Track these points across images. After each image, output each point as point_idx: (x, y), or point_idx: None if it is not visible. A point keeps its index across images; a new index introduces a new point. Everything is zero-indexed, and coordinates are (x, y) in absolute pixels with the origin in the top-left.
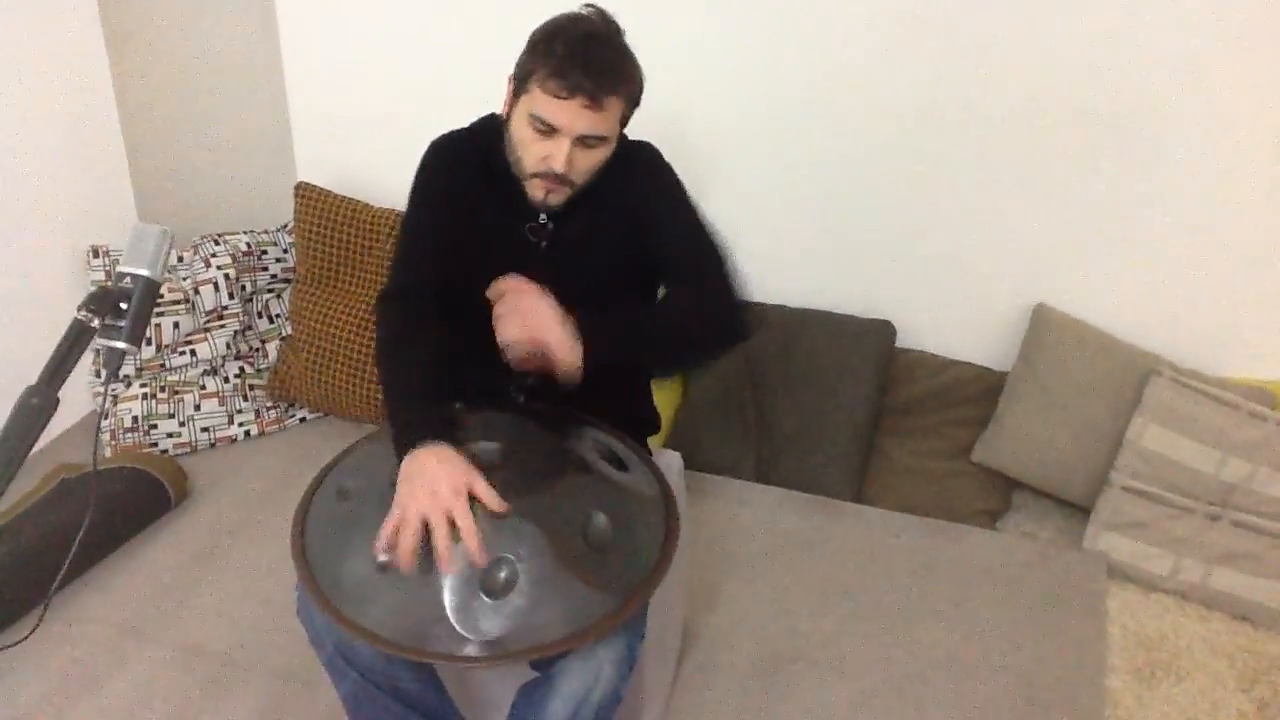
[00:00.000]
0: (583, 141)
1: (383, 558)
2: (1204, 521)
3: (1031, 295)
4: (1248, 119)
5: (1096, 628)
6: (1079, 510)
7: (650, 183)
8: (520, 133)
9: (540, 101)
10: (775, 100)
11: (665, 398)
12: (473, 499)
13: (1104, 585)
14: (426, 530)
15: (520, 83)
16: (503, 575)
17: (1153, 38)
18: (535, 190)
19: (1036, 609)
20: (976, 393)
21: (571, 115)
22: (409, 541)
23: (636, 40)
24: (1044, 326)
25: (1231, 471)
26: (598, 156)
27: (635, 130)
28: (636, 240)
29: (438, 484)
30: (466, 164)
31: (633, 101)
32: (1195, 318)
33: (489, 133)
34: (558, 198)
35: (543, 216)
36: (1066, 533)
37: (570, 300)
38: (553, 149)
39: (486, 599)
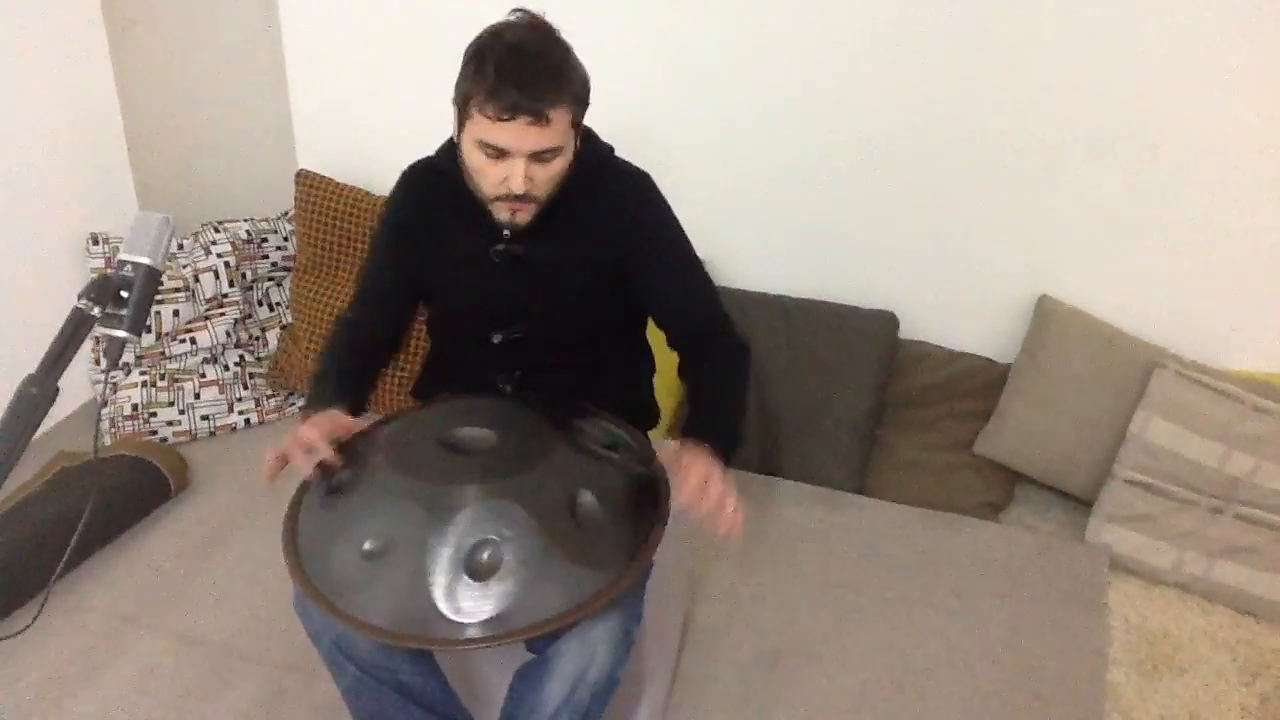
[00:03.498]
0: (536, 157)
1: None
2: (1207, 515)
3: (1035, 287)
4: (1254, 111)
5: (1098, 621)
6: (1081, 503)
7: (643, 215)
8: (472, 159)
9: (483, 126)
10: (778, 91)
11: (666, 389)
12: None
13: (1106, 578)
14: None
15: (461, 109)
16: (486, 557)
17: (1158, 28)
18: (501, 213)
19: (1038, 602)
20: (980, 385)
21: (517, 136)
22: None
23: (639, 34)
24: (1048, 319)
25: (1235, 465)
26: (556, 167)
27: (640, 124)
28: (615, 265)
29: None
30: (433, 192)
31: (580, 103)
32: (1200, 311)
33: (451, 157)
34: (525, 215)
35: (506, 232)
36: (1069, 526)
37: (534, 316)
38: (507, 170)
39: (473, 582)
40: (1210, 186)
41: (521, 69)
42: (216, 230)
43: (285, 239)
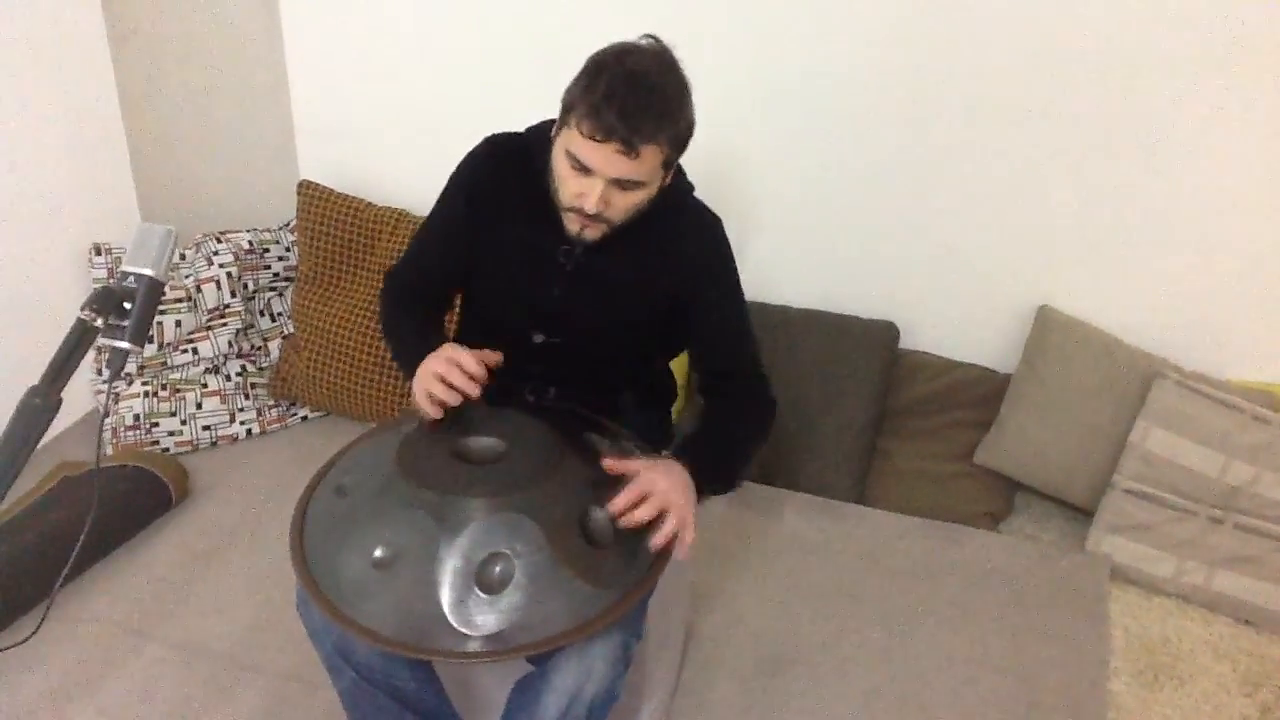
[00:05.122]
0: (619, 184)
1: (428, 413)
2: (1207, 524)
3: (1035, 297)
4: (1254, 120)
5: (1099, 630)
6: (1082, 513)
7: (713, 262)
8: (558, 165)
9: (576, 140)
10: (777, 102)
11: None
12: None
13: (1106, 588)
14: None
15: (564, 114)
16: (498, 571)
17: (1157, 37)
18: (571, 224)
19: (1039, 611)
20: (980, 395)
21: (605, 159)
22: (431, 400)
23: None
24: (1048, 328)
25: (1235, 474)
26: (636, 198)
27: None
28: (674, 301)
29: (436, 354)
30: (515, 170)
31: (677, 144)
32: (1200, 320)
33: (542, 143)
34: (593, 233)
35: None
36: (1069, 535)
37: (582, 327)
38: (587, 188)
39: (482, 595)
40: (1210, 196)
41: (629, 97)
42: (218, 241)
43: (287, 249)
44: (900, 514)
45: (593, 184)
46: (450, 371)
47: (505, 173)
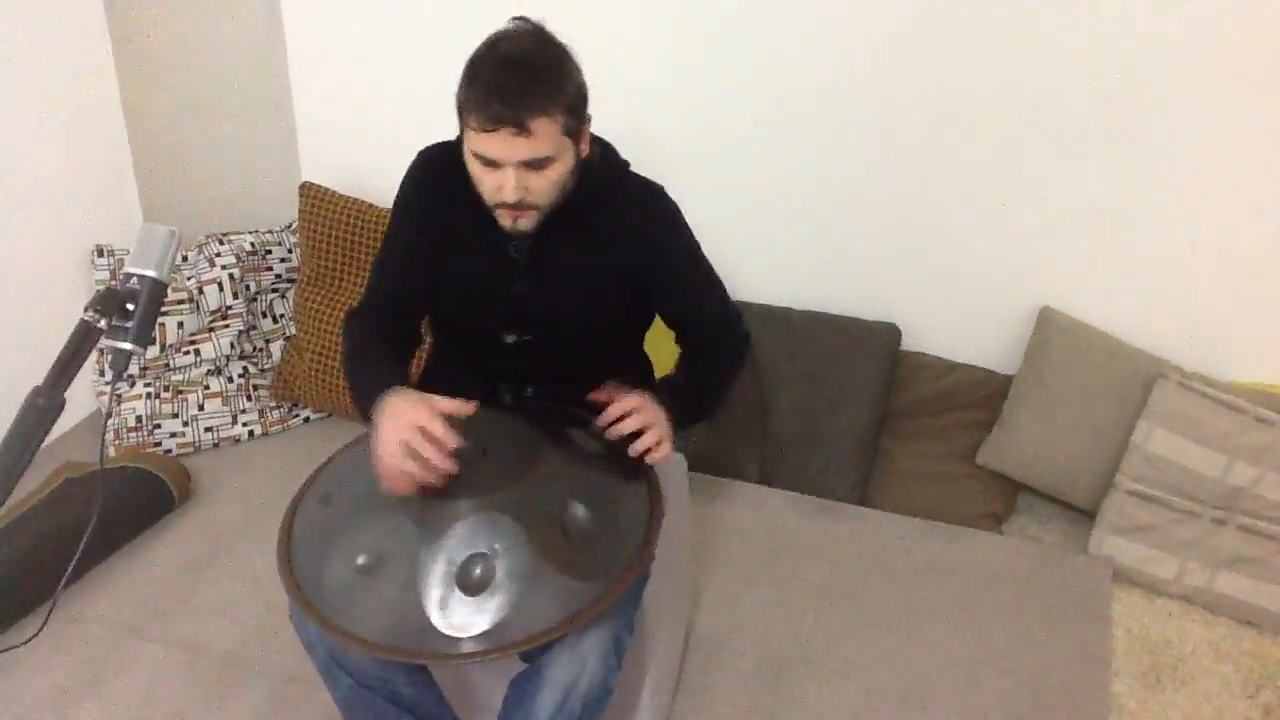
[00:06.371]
0: (529, 166)
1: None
2: (1209, 526)
3: (1037, 298)
4: (1257, 121)
5: (1101, 632)
6: (1084, 514)
7: (663, 231)
8: (471, 167)
9: (474, 138)
10: (780, 103)
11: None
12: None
13: (1109, 589)
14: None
15: (459, 118)
16: (478, 571)
17: (1160, 39)
18: (503, 219)
19: (1041, 613)
20: (981, 396)
21: (504, 146)
22: (392, 475)
23: (642, 46)
24: (1049, 329)
25: (1237, 475)
26: (552, 175)
27: (644, 136)
28: (633, 277)
29: (398, 414)
30: (452, 178)
31: (571, 111)
32: (1202, 321)
33: None
34: (526, 223)
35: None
36: (1071, 536)
37: (549, 319)
38: (500, 180)
39: (466, 596)
40: (1212, 197)
41: (505, 81)
42: (221, 242)
43: (289, 251)
44: (902, 515)
45: (504, 175)
46: (416, 438)
47: (448, 179)
